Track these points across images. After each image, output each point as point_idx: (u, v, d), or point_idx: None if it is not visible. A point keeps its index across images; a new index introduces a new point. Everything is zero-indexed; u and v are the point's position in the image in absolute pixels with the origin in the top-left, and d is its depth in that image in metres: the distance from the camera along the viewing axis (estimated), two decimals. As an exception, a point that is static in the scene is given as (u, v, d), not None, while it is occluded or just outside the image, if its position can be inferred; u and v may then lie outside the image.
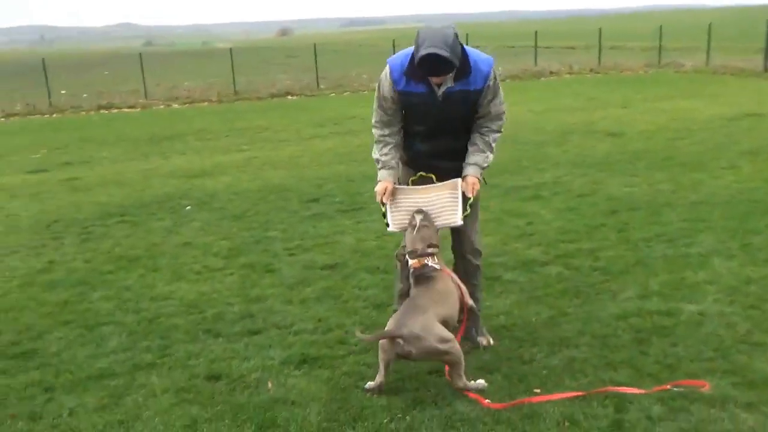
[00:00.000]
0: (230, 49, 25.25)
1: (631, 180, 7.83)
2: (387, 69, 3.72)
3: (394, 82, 3.67)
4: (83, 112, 19.66)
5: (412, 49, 3.62)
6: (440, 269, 3.67)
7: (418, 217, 3.73)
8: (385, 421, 3.23)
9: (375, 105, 3.82)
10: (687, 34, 32.44)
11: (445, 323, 3.46)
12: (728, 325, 4.06)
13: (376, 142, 3.86)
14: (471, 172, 3.77)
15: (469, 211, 3.81)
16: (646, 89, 18.07)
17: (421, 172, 3.92)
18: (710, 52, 25.08)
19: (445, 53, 3.36)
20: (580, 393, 3.35)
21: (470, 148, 3.80)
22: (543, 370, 3.64)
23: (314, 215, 7.04)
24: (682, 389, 3.35)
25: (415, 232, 3.69)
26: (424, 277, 3.62)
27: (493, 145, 3.80)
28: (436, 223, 3.75)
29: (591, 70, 25.05)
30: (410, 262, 3.69)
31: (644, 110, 13.78)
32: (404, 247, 3.78)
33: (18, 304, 4.93)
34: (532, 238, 5.90)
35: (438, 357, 3.40)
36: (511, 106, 4.02)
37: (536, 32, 28.10)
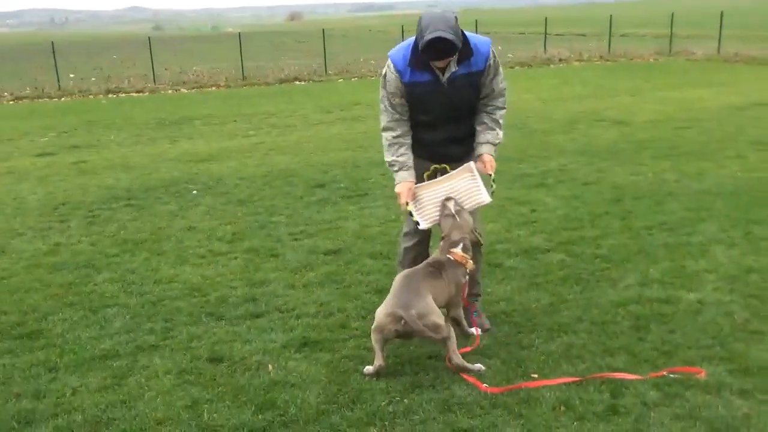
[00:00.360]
0: (239, 34, 25.20)
1: (637, 169, 7.82)
2: (389, 64, 3.70)
3: (400, 74, 3.67)
4: (91, 96, 19.71)
5: (411, 40, 3.65)
6: (463, 279, 3.73)
7: (450, 204, 3.75)
8: (384, 403, 3.27)
9: (383, 106, 3.78)
10: (699, 22, 32.16)
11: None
12: (727, 313, 4.08)
13: (389, 145, 3.80)
14: (485, 150, 3.81)
15: (494, 187, 3.85)
16: (655, 77, 17.97)
17: (435, 165, 3.91)
18: (722, 40, 24.87)
19: (450, 36, 3.40)
20: (577, 378, 3.39)
21: (479, 128, 3.83)
22: (541, 355, 3.67)
23: (319, 201, 7.07)
24: (678, 376, 3.38)
25: (459, 219, 3.72)
26: (439, 270, 3.65)
27: (501, 121, 3.85)
28: (467, 206, 3.81)
29: (601, 58, 24.91)
30: (456, 250, 3.68)
31: (652, 99, 13.71)
32: (447, 238, 3.75)
33: (24, 286, 4.98)
34: (535, 226, 5.91)
35: (433, 332, 3.44)
36: (519, 93, 4.06)
37: (546, 18, 27.91)
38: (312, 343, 3.92)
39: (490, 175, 3.81)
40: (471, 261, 3.73)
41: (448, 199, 3.76)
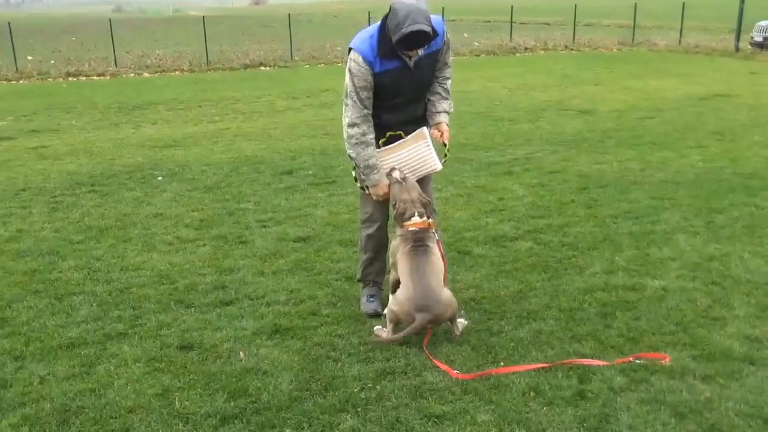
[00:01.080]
0: (203, 18, 24.80)
1: (601, 157, 7.94)
2: (356, 57, 3.67)
3: (370, 65, 3.66)
4: (50, 79, 19.23)
5: (373, 29, 3.68)
6: (435, 236, 3.84)
7: (395, 174, 3.84)
8: (356, 390, 3.29)
9: (351, 100, 3.72)
10: (661, 13, 32.62)
11: None
12: (690, 300, 4.18)
13: (357, 143, 3.76)
14: (443, 119, 3.98)
15: (448, 156, 4.05)
16: (618, 67, 18.21)
17: (390, 132, 3.96)
18: (683, 31, 25.31)
19: (428, 29, 3.47)
20: (545, 364, 3.45)
21: (433, 98, 3.97)
22: (510, 342, 3.73)
23: (287, 188, 7.03)
24: (643, 361, 3.46)
25: (405, 183, 3.81)
26: (424, 243, 3.72)
27: (450, 90, 4.02)
28: (419, 173, 3.93)
29: (565, 47, 25.14)
30: (413, 220, 3.74)
31: (616, 88, 13.91)
32: (398, 206, 3.81)
33: (-14, 273, 4.87)
34: (503, 214, 5.97)
35: (454, 317, 3.63)
36: (485, 82, 4.15)
37: (512, 7, 28.03)
38: (283, 330, 3.92)
39: (445, 144, 3.99)
40: (430, 220, 3.82)
41: (392, 169, 3.87)
